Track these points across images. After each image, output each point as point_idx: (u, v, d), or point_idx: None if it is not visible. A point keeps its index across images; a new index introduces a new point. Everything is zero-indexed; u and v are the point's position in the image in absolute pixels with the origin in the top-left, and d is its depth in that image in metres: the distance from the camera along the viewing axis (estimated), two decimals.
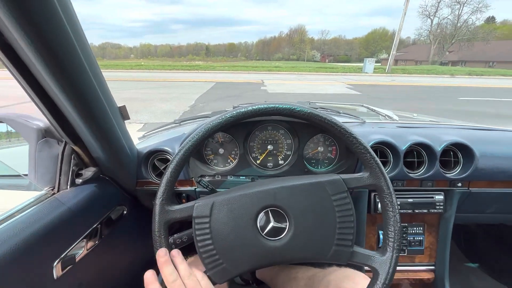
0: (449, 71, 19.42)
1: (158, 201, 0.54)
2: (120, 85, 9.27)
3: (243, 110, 0.58)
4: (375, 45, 67.40)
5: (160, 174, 0.89)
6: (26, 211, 0.58)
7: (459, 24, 34.18)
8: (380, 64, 33.01)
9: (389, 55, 19.71)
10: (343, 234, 0.55)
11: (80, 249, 0.65)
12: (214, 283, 0.52)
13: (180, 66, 21.65)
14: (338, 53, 70.65)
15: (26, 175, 0.68)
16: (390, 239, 0.56)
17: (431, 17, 35.91)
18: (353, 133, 0.58)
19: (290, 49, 72.23)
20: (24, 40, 0.39)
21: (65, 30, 0.43)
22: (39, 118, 0.66)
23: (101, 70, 0.57)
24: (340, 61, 56.51)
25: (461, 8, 33.51)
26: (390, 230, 0.56)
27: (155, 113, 5.47)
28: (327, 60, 64.07)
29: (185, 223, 1.34)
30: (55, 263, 0.57)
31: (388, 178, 0.58)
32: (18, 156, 0.78)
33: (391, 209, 0.56)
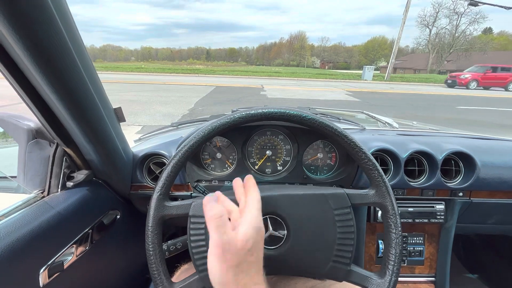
0: None
1: (155, 195, 0.52)
2: (119, 87, 9.27)
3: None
4: (374, 53, 68.08)
5: (155, 178, 0.87)
6: (12, 215, 0.55)
7: (457, 34, 34.64)
8: (379, 71, 33.33)
9: (388, 63, 19.90)
10: (342, 251, 0.53)
11: (69, 255, 0.62)
12: None
13: (181, 69, 21.67)
14: (337, 60, 71.17)
15: (14, 177, 0.66)
16: (390, 261, 0.53)
17: (430, 27, 36.45)
18: (362, 148, 0.55)
19: (290, 55, 72.75)
20: (12, 36, 0.38)
21: (58, 28, 0.42)
22: (30, 119, 0.63)
23: (102, 72, 0.55)
24: (340, 68, 56.96)
25: (459, 19, 34.04)
26: (391, 252, 0.54)
27: (153, 116, 5.46)
28: (326, 67, 64.59)
29: (179, 230, 1.32)
30: (41, 270, 0.54)
31: (394, 198, 0.55)
32: (7, 157, 0.76)
33: (394, 231, 0.54)
